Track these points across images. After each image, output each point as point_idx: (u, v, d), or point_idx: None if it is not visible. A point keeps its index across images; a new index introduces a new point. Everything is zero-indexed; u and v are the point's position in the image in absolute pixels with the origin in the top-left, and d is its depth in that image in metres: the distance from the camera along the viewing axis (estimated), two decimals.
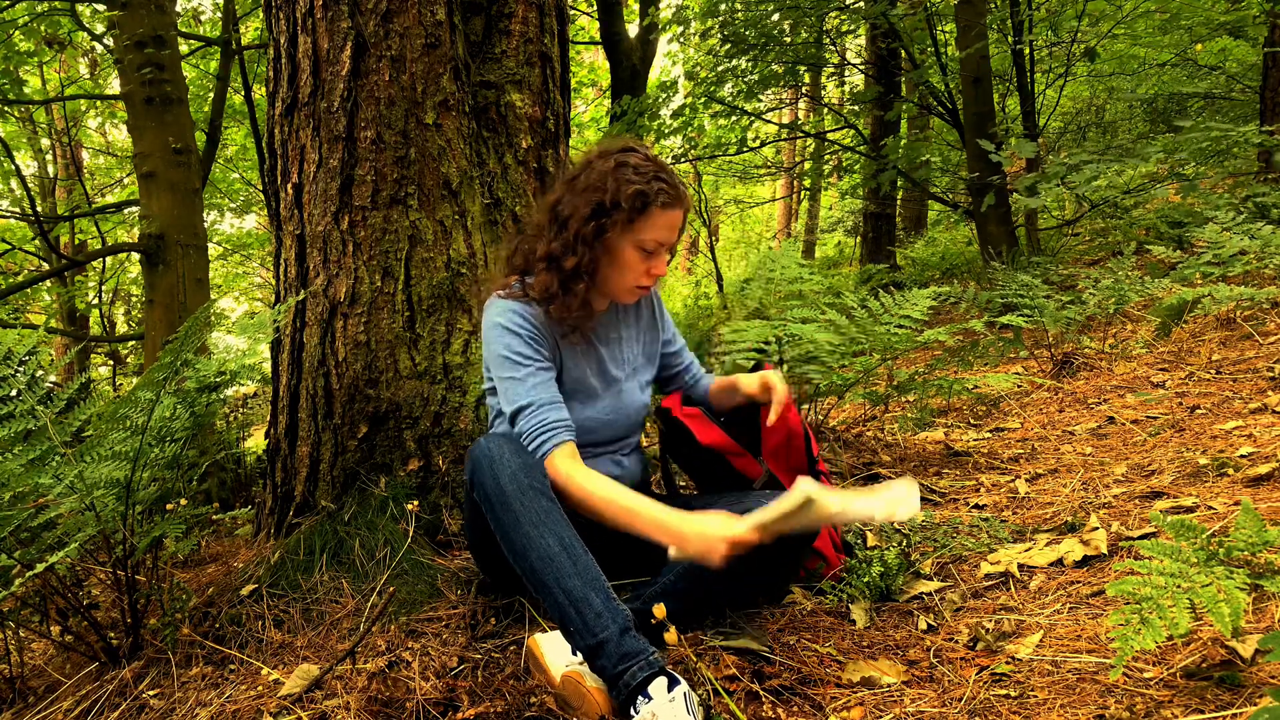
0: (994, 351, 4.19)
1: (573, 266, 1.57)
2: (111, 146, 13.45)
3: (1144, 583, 1.17)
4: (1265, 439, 2.15)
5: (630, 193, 1.52)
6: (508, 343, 1.58)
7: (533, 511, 1.39)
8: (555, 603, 1.33)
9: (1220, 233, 4.09)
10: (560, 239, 1.58)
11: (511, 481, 1.41)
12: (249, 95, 6.49)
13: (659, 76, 10.71)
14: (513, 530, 1.38)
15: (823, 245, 15.62)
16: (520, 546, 1.37)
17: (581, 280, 1.58)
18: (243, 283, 16.08)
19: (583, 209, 1.55)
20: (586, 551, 1.37)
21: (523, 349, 1.58)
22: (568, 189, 1.60)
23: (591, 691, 1.28)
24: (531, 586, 1.37)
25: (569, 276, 1.57)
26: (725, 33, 7.29)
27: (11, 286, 6.83)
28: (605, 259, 1.59)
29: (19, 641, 1.81)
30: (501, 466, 1.43)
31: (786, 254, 3.20)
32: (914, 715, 1.21)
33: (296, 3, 2.14)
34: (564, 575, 1.33)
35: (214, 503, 3.03)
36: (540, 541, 1.36)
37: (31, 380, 1.80)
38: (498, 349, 1.59)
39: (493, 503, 1.42)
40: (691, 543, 1.38)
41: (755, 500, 1.67)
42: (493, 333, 1.60)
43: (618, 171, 1.54)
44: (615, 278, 1.61)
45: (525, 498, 1.40)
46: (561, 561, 1.34)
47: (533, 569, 1.36)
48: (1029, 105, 6.59)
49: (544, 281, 1.59)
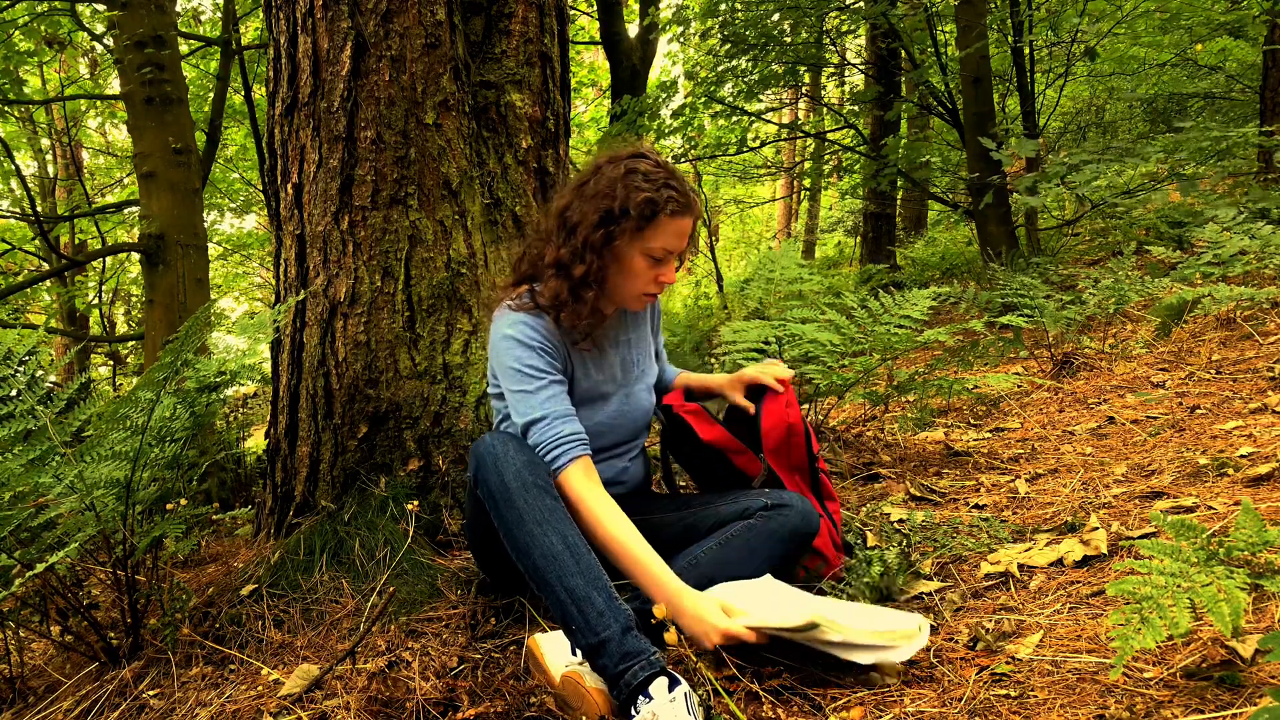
0: (994, 351, 4.19)
1: (581, 274, 1.55)
2: (111, 146, 13.45)
3: (1144, 583, 1.17)
4: (1265, 439, 2.15)
5: (639, 200, 1.51)
6: (519, 355, 1.56)
7: (536, 509, 1.39)
8: (557, 601, 1.33)
9: (1220, 233, 4.09)
10: (569, 246, 1.57)
11: (516, 479, 1.41)
12: (249, 95, 6.49)
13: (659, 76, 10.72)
14: (516, 528, 1.38)
15: (823, 245, 15.62)
16: (523, 544, 1.37)
17: (591, 288, 1.57)
18: (243, 283, 16.08)
19: (591, 216, 1.54)
20: (589, 550, 1.38)
21: (535, 361, 1.57)
22: (576, 195, 1.59)
23: (591, 692, 1.28)
24: (534, 584, 1.38)
25: (578, 284, 1.56)
26: (725, 33, 7.29)
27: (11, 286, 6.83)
28: (614, 266, 1.58)
29: (19, 641, 1.81)
30: (506, 463, 1.43)
31: (786, 254, 3.20)
32: (914, 715, 1.21)
33: (296, 3, 2.14)
34: (566, 574, 1.33)
35: (214, 503, 3.03)
36: (543, 539, 1.36)
37: (31, 380, 1.80)
38: (508, 361, 1.57)
39: (496, 500, 1.41)
40: (687, 621, 1.37)
41: (753, 499, 1.68)
42: (503, 345, 1.58)
43: (627, 178, 1.53)
44: (624, 285, 1.60)
45: (529, 495, 1.40)
46: (564, 560, 1.34)
47: (535, 567, 1.36)
48: (1029, 105, 6.59)
49: (553, 288, 1.58)
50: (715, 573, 1.60)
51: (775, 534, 1.63)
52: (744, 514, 1.66)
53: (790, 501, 1.66)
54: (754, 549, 1.62)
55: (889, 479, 2.46)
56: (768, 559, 1.63)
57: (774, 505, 1.65)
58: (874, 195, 8.85)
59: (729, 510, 1.69)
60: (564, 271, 1.57)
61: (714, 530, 1.67)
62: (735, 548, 1.62)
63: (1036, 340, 4.01)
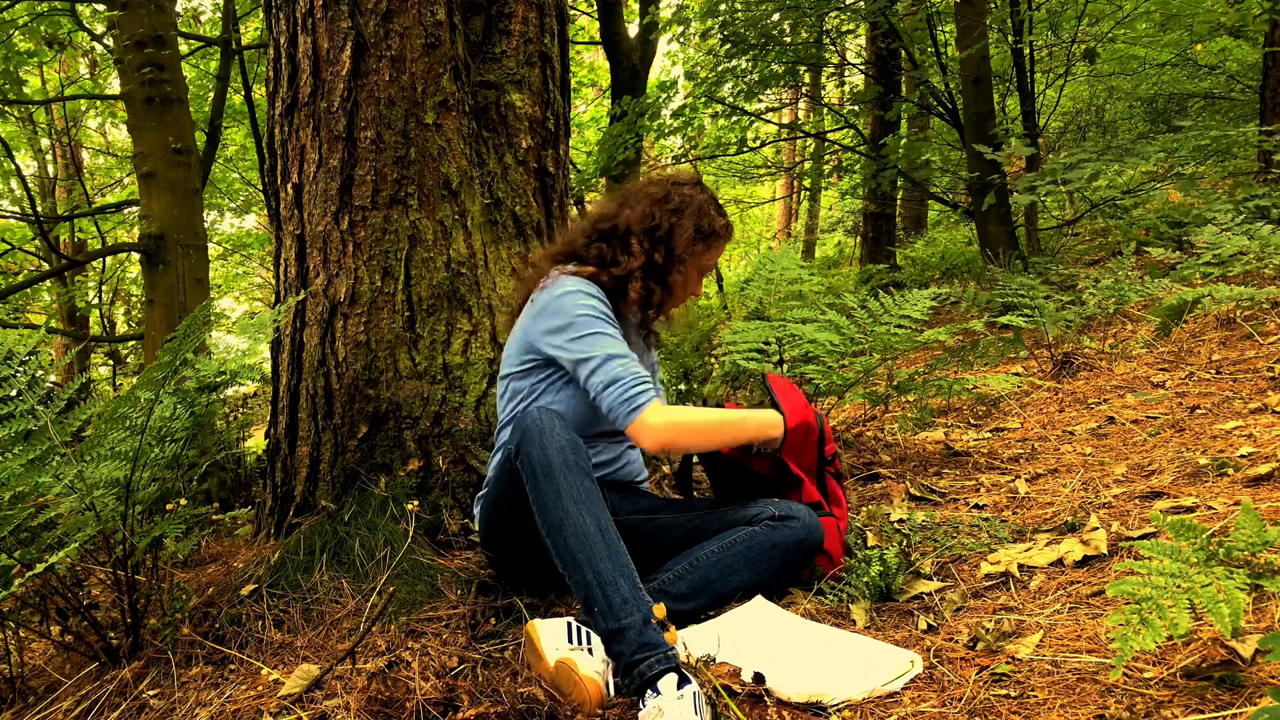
0: (994, 351, 4.18)
1: (674, 280, 1.76)
2: (111, 146, 13.44)
3: (1144, 583, 1.17)
4: (1265, 439, 2.15)
5: (723, 224, 1.79)
6: (592, 304, 1.66)
7: (575, 488, 1.42)
8: (583, 582, 1.35)
9: (1219, 233, 4.08)
10: (660, 252, 1.74)
11: (559, 455, 1.45)
12: (249, 95, 6.49)
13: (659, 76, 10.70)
14: (553, 503, 1.42)
15: (823, 245, 15.62)
16: (556, 520, 1.41)
17: (671, 290, 1.77)
18: (243, 283, 16.08)
19: (689, 230, 1.74)
20: (620, 539, 1.40)
21: (606, 310, 1.68)
22: (658, 207, 1.75)
23: (584, 680, 1.28)
24: (560, 562, 1.40)
25: (667, 288, 1.76)
26: (725, 33, 7.28)
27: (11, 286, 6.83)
28: (685, 276, 1.78)
29: (19, 641, 1.81)
30: (551, 439, 1.46)
31: (786, 254, 3.20)
32: (914, 715, 1.21)
33: (296, 3, 2.14)
34: (596, 556, 1.36)
35: (214, 503, 3.03)
36: (579, 519, 1.39)
37: (32, 380, 1.80)
38: (580, 310, 1.64)
39: (537, 473, 1.45)
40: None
41: (762, 507, 1.70)
42: (570, 298, 1.66)
43: (711, 203, 1.79)
44: (683, 292, 1.81)
45: (570, 474, 1.43)
46: (596, 543, 1.37)
47: (566, 545, 1.39)
48: (1029, 105, 6.58)
49: (639, 290, 1.73)
50: (715, 576, 1.61)
51: (778, 545, 1.63)
52: (750, 520, 1.67)
53: (797, 514, 1.67)
54: (755, 557, 1.63)
55: (889, 479, 2.46)
56: (768, 568, 1.63)
57: (781, 516, 1.66)
58: (874, 195, 8.84)
59: (736, 516, 1.70)
60: (656, 276, 1.75)
61: (706, 532, 1.68)
62: (737, 554, 1.62)
63: (1036, 340, 4.01)
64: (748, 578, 1.62)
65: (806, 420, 1.78)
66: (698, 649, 1.39)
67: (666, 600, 1.48)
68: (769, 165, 13.16)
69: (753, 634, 1.48)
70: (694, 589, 1.59)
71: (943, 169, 8.63)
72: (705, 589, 1.60)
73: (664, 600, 1.43)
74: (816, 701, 1.26)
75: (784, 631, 1.49)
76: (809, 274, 3.07)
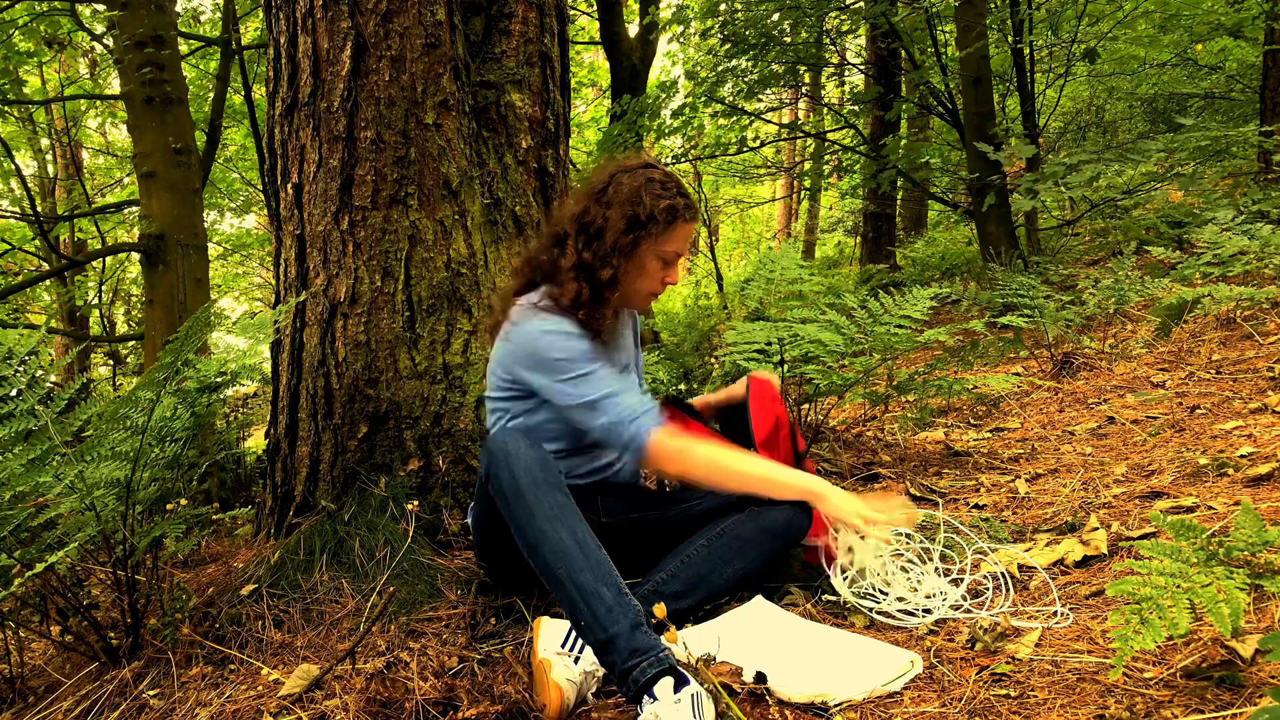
0: (994, 351, 4.19)
1: (609, 277, 1.65)
2: (111, 146, 13.44)
3: (1144, 583, 1.17)
4: (1265, 439, 2.15)
5: (663, 207, 1.63)
6: (568, 345, 1.61)
7: (547, 505, 1.40)
8: (567, 597, 1.34)
9: (1220, 233, 4.09)
10: (591, 249, 1.65)
11: (527, 474, 1.43)
12: (249, 95, 6.48)
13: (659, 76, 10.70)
14: (527, 524, 1.40)
15: (823, 245, 15.61)
16: (534, 540, 1.39)
17: (614, 289, 1.66)
18: (243, 283, 16.07)
19: (619, 222, 1.63)
20: (599, 547, 1.39)
21: (584, 347, 1.63)
22: (593, 201, 1.67)
23: (551, 684, 1.29)
24: (545, 581, 1.39)
25: (603, 285, 1.65)
26: (725, 33, 7.28)
27: (11, 286, 6.83)
28: (633, 269, 1.68)
29: (19, 641, 1.81)
30: (517, 460, 1.45)
31: (786, 254, 3.20)
32: (914, 715, 1.21)
33: (296, 3, 2.14)
34: (576, 569, 1.34)
35: (214, 503, 3.03)
36: (554, 535, 1.38)
37: (32, 380, 1.80)
38: (557, 353, 1.60)
39: (508, 496, 1.44)
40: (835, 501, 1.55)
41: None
42: (546, 340, 1.61)
43: (649, 186, 1.65)
44: (638, 286, 1.70)
45: (540, 492, 1.42)
46: (574, 556, 1.36)
47: (546, 563, 1.37)
48: (1029, 105, 6.58)
49: (573, 290, 1.65)
50: (707, 570, 1.61)
51: (765, 529, 1.63)
52: (737, 506, 1.67)
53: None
54: (744, 545, 1.63)
55: (889, 479, 2.46)
56: (759, 554, 1.63)
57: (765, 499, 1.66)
58: (874, 195, 8.84)
59: (720, 503, 1.70)
60: (587, 274, 1.65)
61: (705, 521, 1.68)
62: (726, 544, 1.62)
63: (1036, 340, 4.01)
64: (740, 567, 1.62)
65: (775, 414, 1.81)
66: (698, 649, 1.39)
67: (663, 601, 1.48)
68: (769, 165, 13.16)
69: (753, 634, 1.48)
70: (688, 586, 1.59)
71: (943, 169, 8.63)
72: (699, 584, 1.60)
73: (660, 601, 1.43)
74: (818, 702, 1.26)
75: (784, 632, 1.48)
76: (809, 274, 3.07)
